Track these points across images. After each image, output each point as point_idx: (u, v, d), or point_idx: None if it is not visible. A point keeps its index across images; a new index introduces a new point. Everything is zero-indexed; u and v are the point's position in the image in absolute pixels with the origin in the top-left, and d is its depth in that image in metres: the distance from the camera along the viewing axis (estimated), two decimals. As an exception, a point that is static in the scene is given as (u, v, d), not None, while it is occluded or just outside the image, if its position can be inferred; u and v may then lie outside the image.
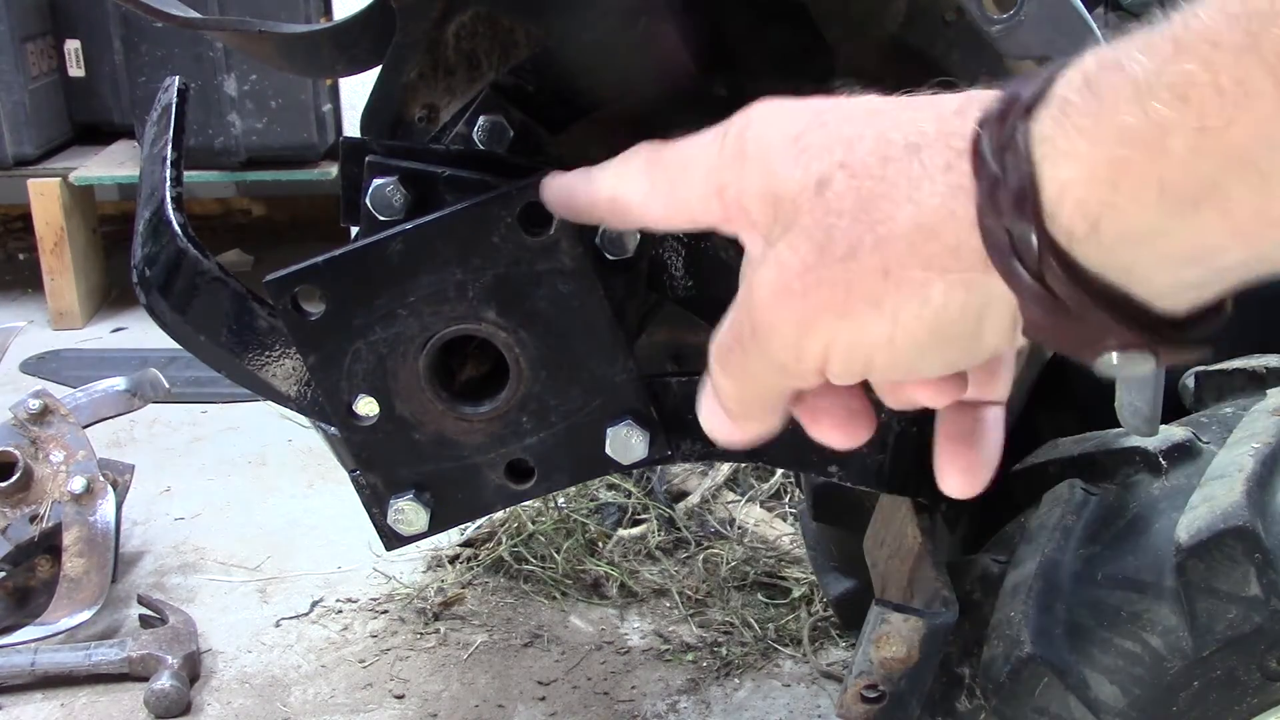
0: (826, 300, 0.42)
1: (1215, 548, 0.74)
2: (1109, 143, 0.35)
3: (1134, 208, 0.35)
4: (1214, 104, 0.33)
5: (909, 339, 0.41)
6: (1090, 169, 0.36)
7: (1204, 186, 0.34)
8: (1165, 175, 0.34)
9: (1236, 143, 0.33)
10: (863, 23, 1.00)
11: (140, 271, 0.87)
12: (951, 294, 0.40)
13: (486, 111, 0.90)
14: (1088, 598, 0.79)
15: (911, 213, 0.40)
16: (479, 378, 0.79)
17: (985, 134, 0.39)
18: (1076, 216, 0.36)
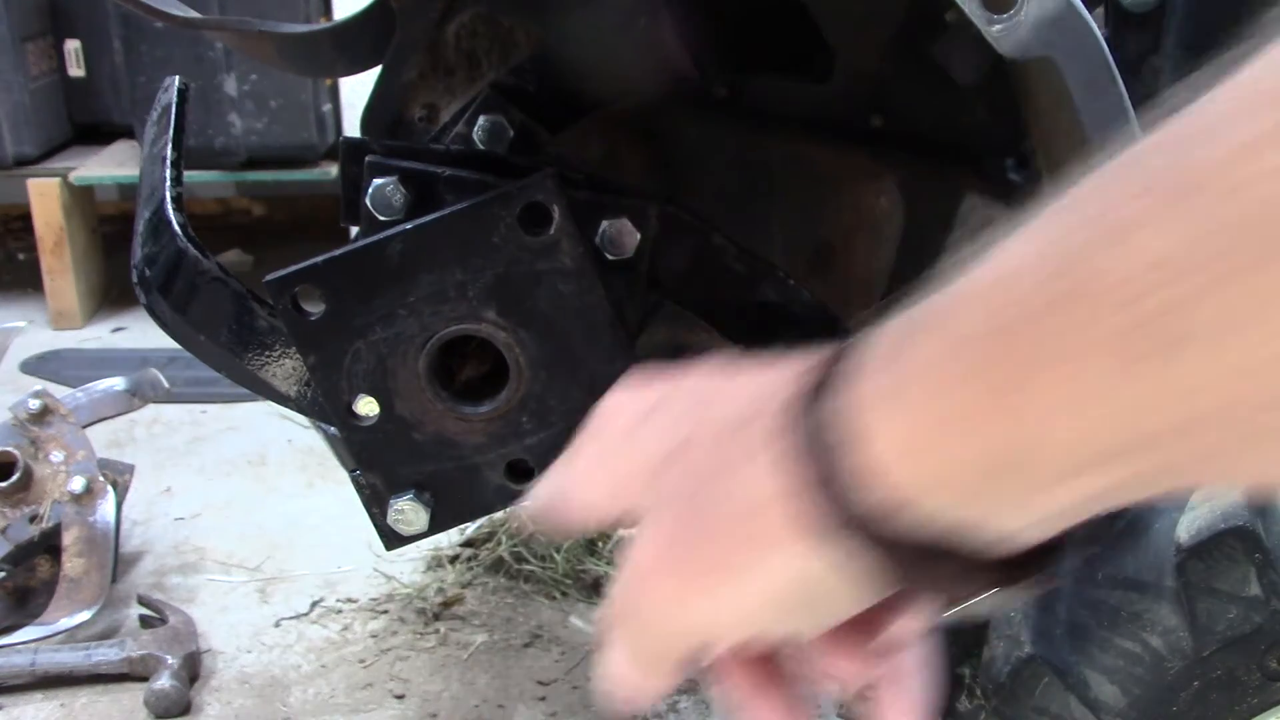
0: (693, 572, 0.44)
1: (1215, 548, 0.74)
2: (917, 419, 0.37)
3: (955, 475, 0.37)
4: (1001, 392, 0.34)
5: (770, 606, 0.43)
6: (905, 440, 0.37)
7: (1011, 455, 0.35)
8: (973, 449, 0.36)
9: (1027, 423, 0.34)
10: (863, 23, 1.01)
11: (140, 271, 0.87)
12: (793, 564, 0.41)
13: (486, 111, 0.90)
14: (1088, 598, 0.79)
15: (743, 491, 0.42)
16: (479, 378, 0.79)
17: (798, 407, 0.41)
18: (897, 487, 0.38)
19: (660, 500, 0.46)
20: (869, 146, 1.05)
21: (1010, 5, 0.66)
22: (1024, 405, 0.34)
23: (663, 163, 1.11)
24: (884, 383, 0.38)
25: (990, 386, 0.35)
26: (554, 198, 0.73)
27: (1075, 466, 0.35)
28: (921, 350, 0.37)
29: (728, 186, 1.11)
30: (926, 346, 0.37)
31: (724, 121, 1.09)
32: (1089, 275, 0.32)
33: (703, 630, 0.45)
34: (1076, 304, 0.33)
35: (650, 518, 0.46)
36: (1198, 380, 0.31)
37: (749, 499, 0.42)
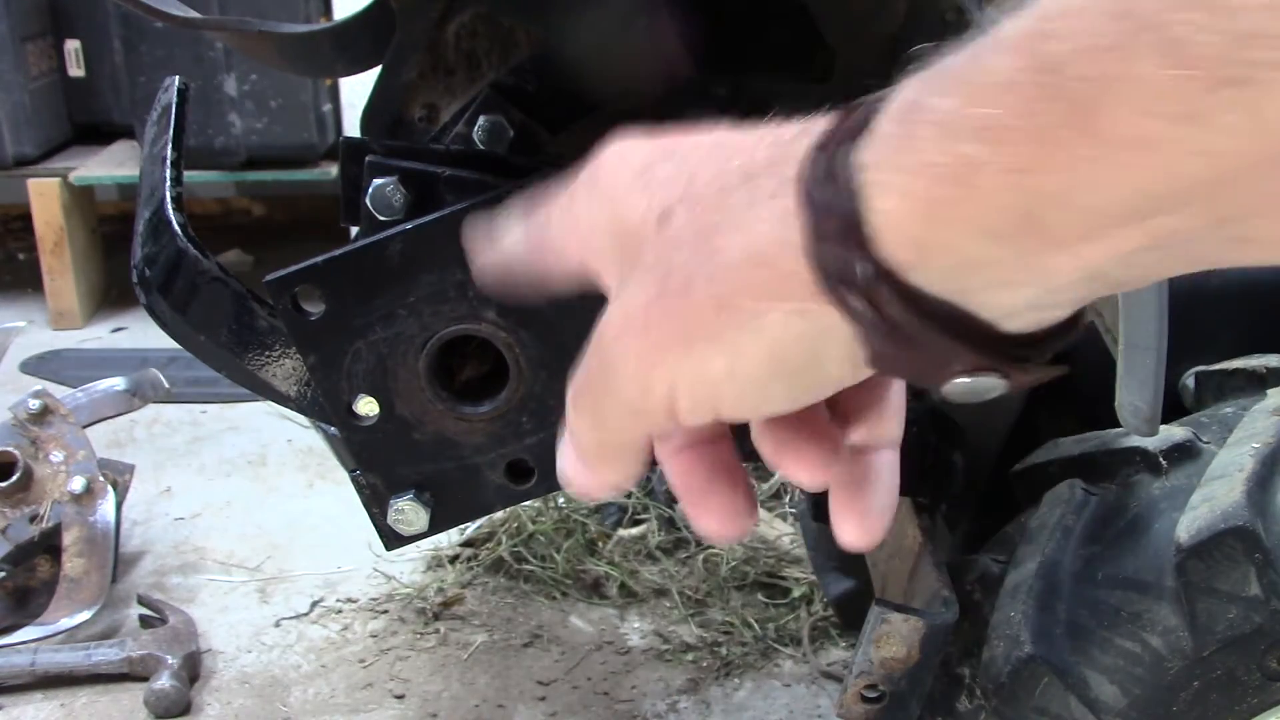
0: (667, 335, 0.42)
1: (1215, 548, 0.74)
2: (921, 179, 0.35)
3: (955, 240, 0.35)
4: (1021, 147, 0.33)
5: (748, 372, 0.41)
6: (907, 203, 0.36)
7: (1021, 219, 0.34)
8: (982, 212, 0.34)
9: (1048, 181, 0.33)
10: (863, 23, 1.00)
11: (140, 271, 0.87)
12: (787, 324, 0.39)
13: (486, 111, 0.90)
14: (1088, 598, 0.79)
15: (742, 242, 0.40)
16: (479, 378, 0.79)
17: (811, 161, 0.39)
18: (902, 247, 0.36)
19: (643, 261, 0.43)
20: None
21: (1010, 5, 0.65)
22: (1050, 158, 0.32)
23: (663, 163, 1.11)
24: (897, 136, 0.36)
25: (1008, 139, 0.33)
26: (554, 198, 0.73)
27: (1101, 222, 0.33)
28: (943, 100, 0.35)
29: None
30: (950, 96, 0.35)
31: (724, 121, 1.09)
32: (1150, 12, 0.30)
33: (670, 398, 0.42)
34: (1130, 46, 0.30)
35: (631, 279, 0.43)
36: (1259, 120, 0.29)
37: (747, 251, 0.39)
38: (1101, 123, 0.31)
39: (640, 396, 0.43)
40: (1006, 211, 0.34)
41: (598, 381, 0.45)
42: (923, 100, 0.36)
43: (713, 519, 0.49)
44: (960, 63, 0.35)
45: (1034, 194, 0.33)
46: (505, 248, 0.54)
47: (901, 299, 0.37)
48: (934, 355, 0.38)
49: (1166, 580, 0.76)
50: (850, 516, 0.47)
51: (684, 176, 0.43)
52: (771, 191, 0.39)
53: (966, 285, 0.37)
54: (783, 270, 0.38)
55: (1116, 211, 0.33)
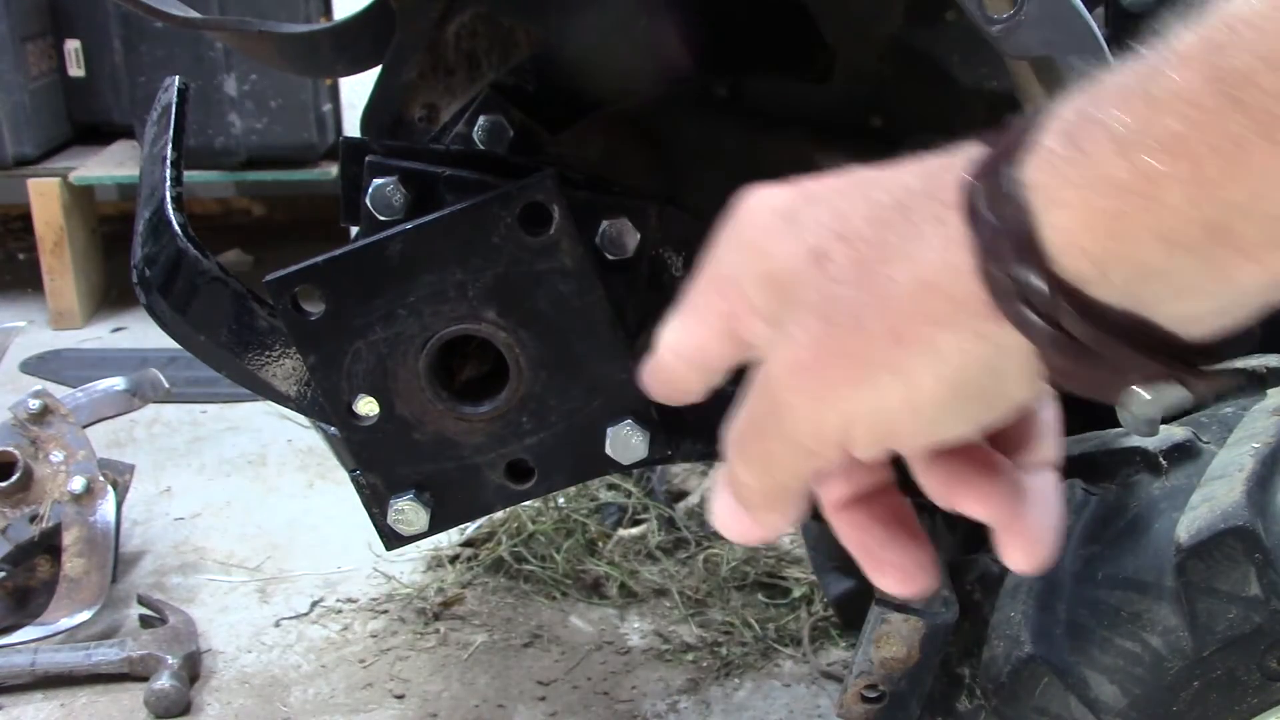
0: (841, 371, 0.41)
1: (1215, 548, 0.74)
2: (1101, 194, 0.35)
3: (1138, 253, 0.35)
4: (1208, 159, 0.33)
5: (929, 399, 0.40)
6: (1087, 217, 0.36)
7: (1209, 230, 0.34)
8: (1165, 223, 0.34)
9: (1236, 192, 0.33)
10: (863, 23, 1.01)
11: (140, 271, 0.87)
12: (965, 348, 0.39)
13: (486, 111, 0.90)
14: (1088, 598, 0.79)
15: (911, 271, 0.39)
16: (479, 378, 0.79)
17: (974, 184, 0.39)
18: (1082, 261, 0.36)
19: (804, 303, 0.42)
20: (869, 146, 1.05)
21: (1010, 5, 0.66)
22: (1241, 169, 0.32)
23: (663, 163, 1.11)
24: (1066, 155, 0.36)
25: (1196, 151, 0.33)
26: (554, 198, 0.73)
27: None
28: (1110, 119, 0.35)
29: (728, 186, 1.11)
30: (1117, 115, 0.34)
31: (724, 121, 1.09)
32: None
33: (846, 433, 0.42)
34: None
35: (792, 322, 0.43)
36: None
37: (916, 279, 0.39)
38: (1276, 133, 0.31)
39: (814, 434, 0.43)
40: (1191, 223, 0.34)
41: (766, 425, 0.44)
42: (1096, 115, 0.35)
43: (894, 576, 0.48)
44: (1136, 77, 0.35)
45: (1220, 205, 0.33)
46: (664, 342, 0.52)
47: (1082, 312, 0.36)
48: (1114, 367, 0.37)
49: (1166, 580, 0.76)
50: (1019, 543, 0.46)
51: (834, 216, 0.43)
52: (933, 219, 0.39)
53: (1148, 296, 0.36)
54: (956, 295, 0.38)
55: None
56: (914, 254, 0.39)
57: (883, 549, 0.48)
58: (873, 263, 0.41)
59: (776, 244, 0.44)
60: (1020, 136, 0.38)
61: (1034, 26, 0.66)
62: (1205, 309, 0.37)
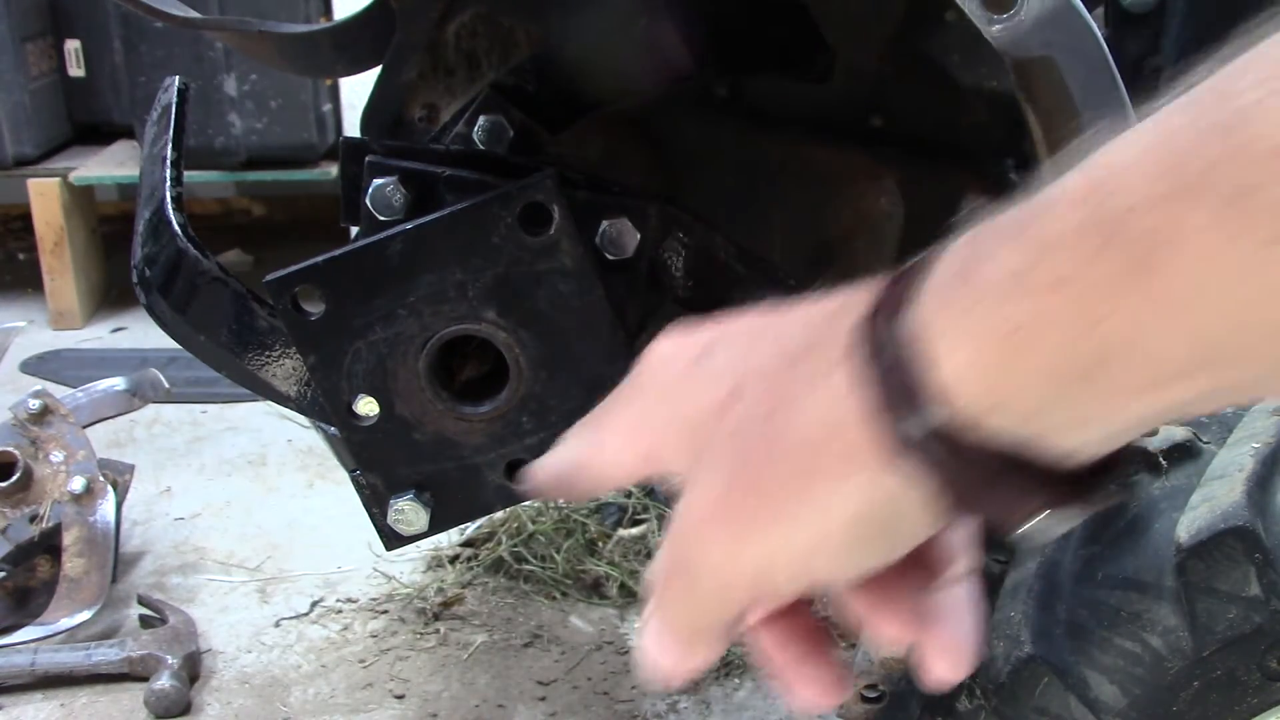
0: (752, 516, 0.42)
1: (1215, 548, 0.74)
2: (990, 334, 0.36)
3: (1028, 391, 0.36)
4: (1090, 301, 0.34)
5: (837, 539, 0.41)
6: (978, 356, 0.37)
7: (1094, 369, 0.35)
8: (1052, 363, 0.35)
9: (1116, 333, 0.34)
10: (863, 23, 1.00)
11: (140, 271, 0.87)
12: (866, 490, 0.40)
13: (486, 111, 0.90)
14: (1088, 598, 0.79)
15: (810, 417, 0.41)
16: (479, 378, 0.79)
17: (867, 329, 0.40)
18: (974, 398, 0.37)
19: (712, 449, 0.44)
20: (869, 146, 1.05)
21: (1010, 5, 0.66)
22: (1118, 310, 0.33)
23: (663, 163, 1.11)
24: (956, 296, 0.37)
25: (1078, 292, 0.34)
26: (554, 198, 0.73)
27: (1171, 369, 0.34)
28: (999, 259, 0.36)
29: (728, 186, 1.11)
30: (1005, 255, 0.36)
31: (724, 121, 1.09)
32: (1204, 168, 0.31)
33: (761, 576, 0.43)
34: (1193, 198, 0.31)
35: (702, 468, 0.44)
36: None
37: (814, 427, 0.41)
38: (1164, 275, 0.32)
39: (732, 576, 0.44)
40: (1077, 360, 0.35)
41: (685, 569, 0.46)
42: (985, 255, 0.37)
43: (811, 690, 0.49)
44: (1023, 218, 0.36)
45: (1104, 343, 0.34)
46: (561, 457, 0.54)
47: (977, 448, 0.37)
48: (1013, 497, 0.39)
49: (1166, 580, 0.76)
50: (942, 655, 0.47)
51: (739, 361, 0.44)
52: (830, 363, 0.40)
53: (1040, 430, 0.37)
54: (854, 439, 0.39)
55: (1184, 358, 0.33)
56: (813, 401, 0.41)
57: (799, 664, 0.49)
58: (777, 409, 0.42)
59: (688, 389, 0.46)
60: (910, 279, 0.39)
61: (1034, 26, 0.66)
62: (1095, 438, 0.38)
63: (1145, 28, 1.26)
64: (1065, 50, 0.66)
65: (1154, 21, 1.26)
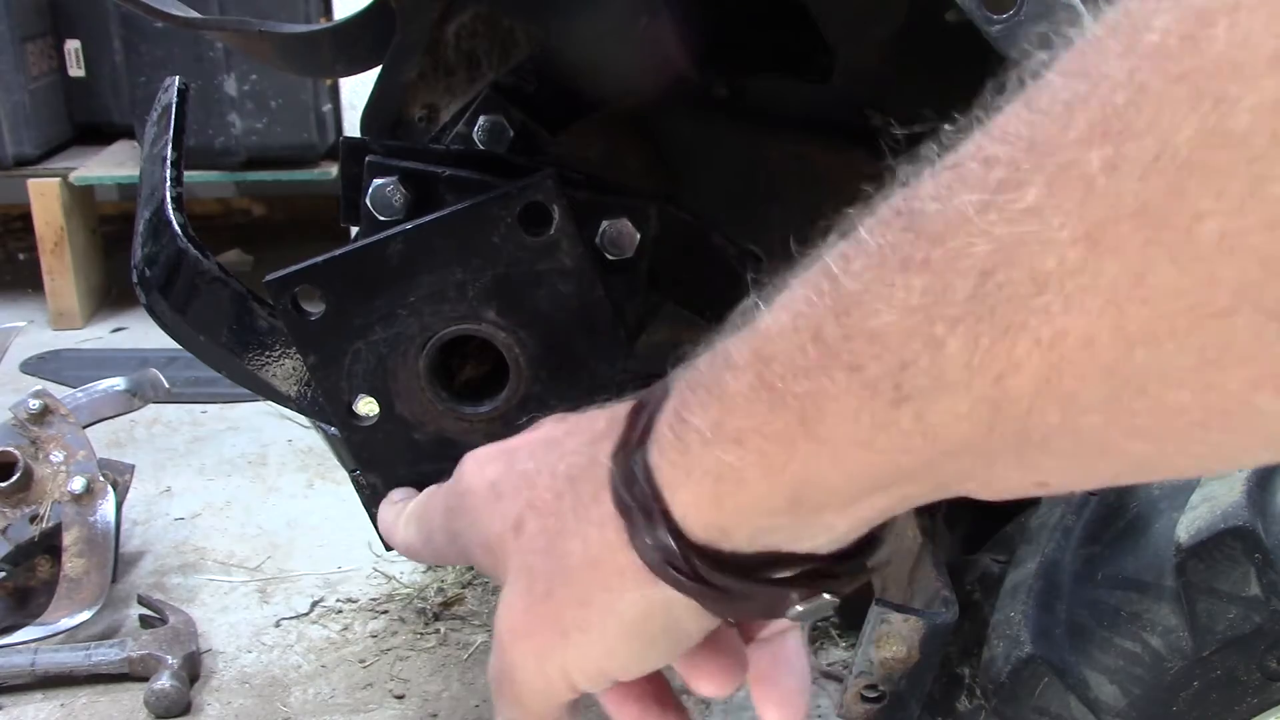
0: (546, 634, 0.49)
1: (1215, 548, 0.74)
2: (702, 479, 0.42)
3: (747, 520, 0.42)
4: (769, 450, 0.39)
5: (621, 648, 0.47)
6: (697, 497, 0.42)
7: (793, 501, 0.40)
8: (757, 500, 0.41)
9: (799, 473, 0.39)
10: (863, 23, 1.00)
11: (140, 271, 0.87)
12: (638, 605, 0.46)
13: (486, 111, 0.90)
14: (1088, 598, 0.79)
15: (580, 547, 0.47)
16: (479, 378, 0.79)
17: (614, 466, 0.45)
18: (705, 530, 0.43)
19: (511, 572, 0.50)
20: (869, 146, 1.05)
21: (1010, 5, 0.66)
22: (794, 457, 0.38)
23: (663, 163, 1.11)
24: (671, 443, 0.42)
25: (758, 444, 0.39)
26: (554, 198, 0.73)
27: (856, 494, 0.39)
28: (697, 413, 0.41)
29: (728, 186, 1.11)
30: (701, 410, 0.41)
31: (724, 121, 1.09)
32: (829, 345, 0.36)
33: (568, 680, 0.49)
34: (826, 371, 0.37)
35: (506, 587, 0.50)
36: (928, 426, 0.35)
37: (586, 555, 0.46)
38: (822, 429, 0.37)
39: (545, 685, 0.50)
40: (775, 496, 0.40)
41: (509, 676, 0.51)
42: (684, 412, 0.42)
43: None
44: (707, 377, 0.41)
45: (792, 482, 0.39)
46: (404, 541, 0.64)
47: (719, 567, 0.43)
48: (769, 598, 0.44)
49: (1166, 580, 0.76)
50: (770, 705, 0.53)
51: (525, 484, 0.51)
52: (591, 496, 0.47)
53: (771, 544, 0.43)
54: (617, 564, 0.45)
55: (863, 487, 0.39)
56: (580, 530, 0.47)
57: None
58: (554, 535, 0.48)
59: (486, 514, 0.53)
60: (648, 417, 0.45)
61: (1034, 27, 0.66)
62: (823, 542, 0.43)
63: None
64: (1065, 50, 0.66)
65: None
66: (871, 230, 0.37)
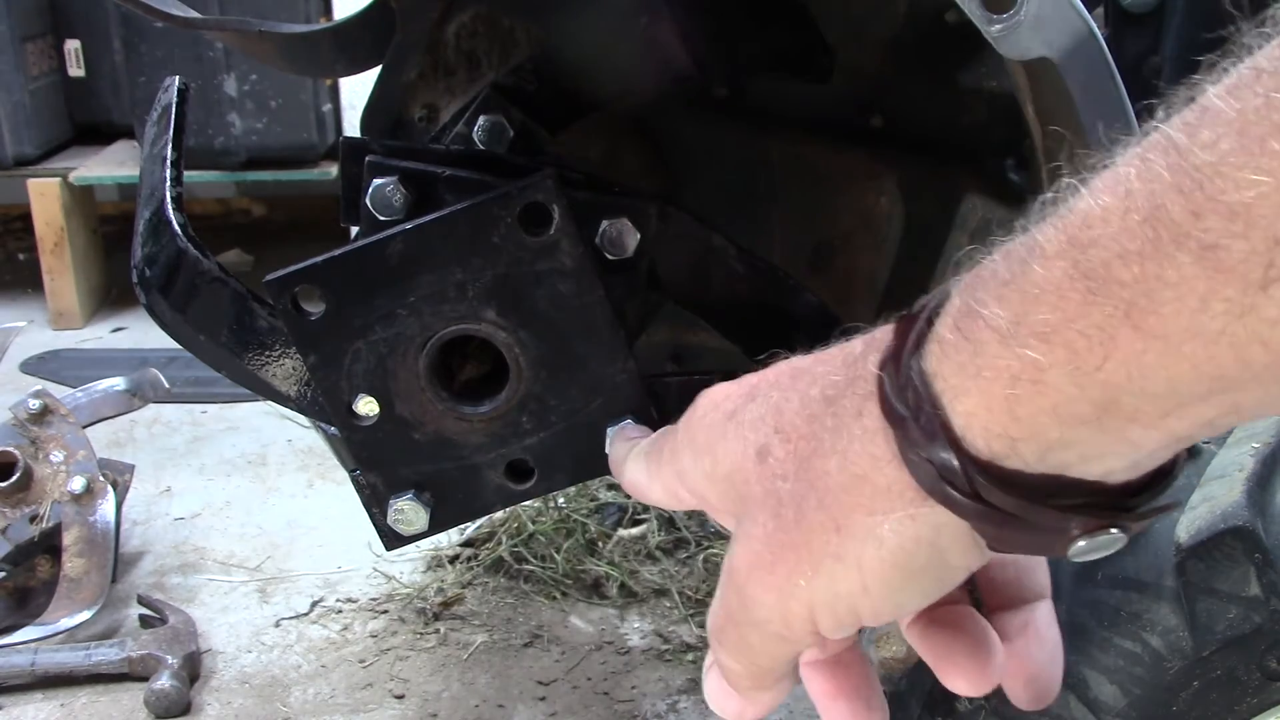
0: (793, 564, 0.44)
1: (1215, 548, 0.74)
2: (993, 382, 0.37)
3: (1039, 430, 0.37)
4: (1081, 347, 0.35)
5: (877, 580, 0.43)
6: (985, 402, 0.38)
7: (1099, 407, 0.36)
8: (1056, 404, 0.36)
9: (1114, 374, 0.35)
10: (863, 23, 1.01)
11: (140, 271, 0.87)
12: (901, 530, 0.41)
13: (486, 111, 0.90)
14: (1088, 597, 0.79)
15: (840, 464, 0.42)
16: (479, 378, 0.79)
17: (885, 376, 0.41)
18: (990, 441, 0.38)
19: (753, 502, 0.46)
20: (869, 146, 1.05)
21: (1010, 5, 0.66)
22: (1113, 355, 0.34)
23: (663, 163, 1.11)
24: (956, 348, 0.38)
25: (1068, 341, 0.35)
26: (554, 198, 0.73)
27: (1177, 403, 0.35)
28: (990, 312, 0.37)
29: (728, 186, 1.11)
30: (995, 308, 0.37)
31: (724, 121, 1.09)
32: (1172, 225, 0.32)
33: (811, 620, 0.45)
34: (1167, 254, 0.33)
35: (745, 520, 0.46)
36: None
37: (846, 473, 0.42)
38: (1152, 321, 0.33)
39: (784, 625, 0.45)
40: (1080, 402, 0.36)
41: (739, 617, 0.47)
42: (978, 309, 0.38)
43: None
44: (1008, 271, 0.37)
45: (1104, 385, 0.35)
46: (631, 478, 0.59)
47: (1002, 486, 0.38)
48: (1049, 527, 0.39)
49: (1166, 580, 0.76)
50: (1020, 679, 0.49)
51: (771, 412, 0.46)
52: (855, 411, 0.42)
53: (1059, 463, 0.38)
54: (883, 482, 0.41)
55: (1188, 394, 0.35)
56: (841, 447, 0.42)
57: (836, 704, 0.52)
58: (808, 457, 0.44)
59: (723, 446, 0.48)
60: (923, 325, 0.41)
61: (1033, 27, 0.66)
62: (1119, 466, 0.39)
63: (1145, 28, 1.26)
64: (1064, 50, 0.66)
65: (1154, 21, 1.26)
66: (1227, 95, 0.32)
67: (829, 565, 0.43)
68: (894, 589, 0.43)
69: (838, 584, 0.43)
